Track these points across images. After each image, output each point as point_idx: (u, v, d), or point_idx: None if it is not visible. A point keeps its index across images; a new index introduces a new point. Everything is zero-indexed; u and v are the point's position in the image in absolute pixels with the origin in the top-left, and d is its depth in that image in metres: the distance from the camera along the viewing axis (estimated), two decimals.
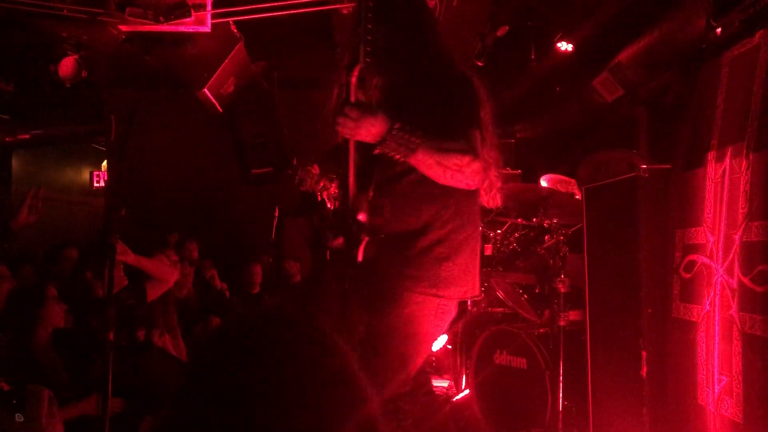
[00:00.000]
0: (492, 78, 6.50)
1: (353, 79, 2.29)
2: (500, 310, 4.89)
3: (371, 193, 2.37)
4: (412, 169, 2.26)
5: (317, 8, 4.57)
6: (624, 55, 5.31)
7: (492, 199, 2.56)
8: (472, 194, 2.40)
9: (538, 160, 6.57)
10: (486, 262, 4.74)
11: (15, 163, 8.86)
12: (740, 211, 2.26)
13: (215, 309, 5.92)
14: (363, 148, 2.36)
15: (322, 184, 3.11)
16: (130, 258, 4.13)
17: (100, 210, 8.48)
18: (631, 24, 5.07)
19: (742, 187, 2.25)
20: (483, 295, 4.71)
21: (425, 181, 2.26)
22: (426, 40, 2.44)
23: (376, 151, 2.26)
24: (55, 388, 2.95)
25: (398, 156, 2.19)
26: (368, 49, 2.28)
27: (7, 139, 7.52)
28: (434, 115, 2.26)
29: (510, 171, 6.03)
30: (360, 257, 2.29)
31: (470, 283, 2.40)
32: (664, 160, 3.20)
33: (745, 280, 2.21)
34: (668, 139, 3.77)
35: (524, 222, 4.53)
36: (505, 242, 4.70)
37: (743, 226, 2.23)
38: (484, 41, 5.75)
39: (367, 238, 2.31)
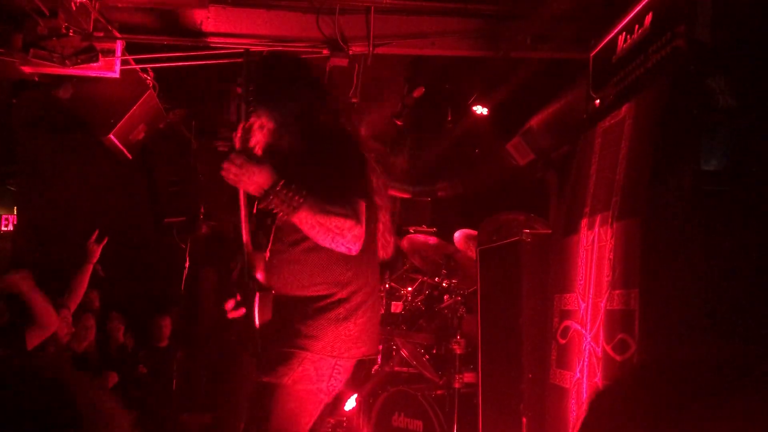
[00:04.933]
0: (412, 137, 6.67)
1: (239, 133, 2.36)
2: (406, 369, 4.83)
3: (268, 254, 2.38)
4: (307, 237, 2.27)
5: (227, 60, 4.55)
6: (534, 121, 5.47)
7: (385, 251, 2.59)
8: (370, 255, 2.44)
9: (456, 219, 6.64)
10: (393, 320, 4.71)
11: None
12: (605, 279, 2.28)
13: (116, 364, 5.67)
14: (260, 208, 2.38)
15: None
16: (26, 285, 3.92)
17: (5, 253, 8.12)
18: (541, 91, 5.24)
19: (607, 255, 2.29)
20: (381, 354, 4.65)
21: (321, 247, 2.28)
22: (314, 106, 2.48)
23: (261, 206, 2.27)
24: None
25: (281, 213, 2.21)
26: (251, 108, 2.34)
27: None
28: (321, 181, 2.28)
29: (425, 229, 6.09)
30: (257, 321, 2.28)
31: (368, 343, 2.42)
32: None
33: (608, 348, 2.22)
34: None
35: (429, 281, 4.53)
36: (414, 301, 4.69)
37: (607, 294, 2.26)
38: (403, 101, 5.85)
39: (258, 294, 2.29)
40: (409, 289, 4.85)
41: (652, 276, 1.99)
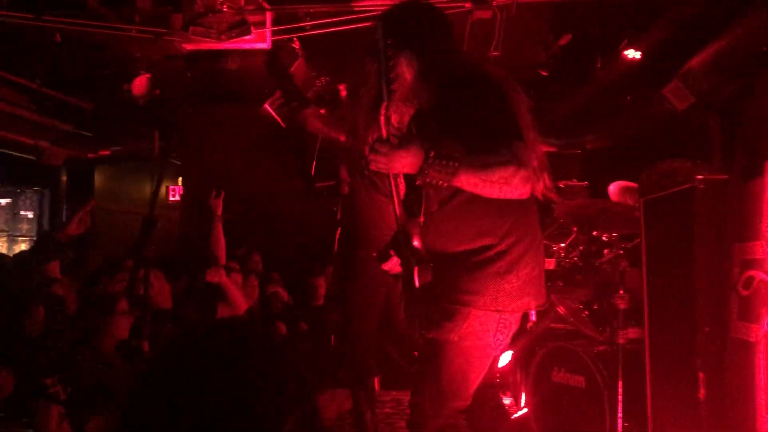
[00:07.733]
0: (558, 87, 6.42)
1: (381, 117, 2.27)
2: (562, 326, 4.74)
3: (422, 219, 2.38)
4: (460, 190, 2.21)
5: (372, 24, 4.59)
6: (695, 62, 5.09)
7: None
8: (528, 204, 2.34)
9: (607, 171, 6.37)
10: (547, 277, 4.61)
11: (97, 178, 9.32)
12: None
13: (283, 321, 6.02)
14: (407, 175, 2.37)
15: None
16: (223, 279, 4.28)
17: (176, 223, 8.75)
18: (701, 29, 4.86)
19: None
20: (546, 306, 4.56)
21: (476, 199, 2.21)
22: (448, 58, 2.36)
23: (418, 182, 2.23)
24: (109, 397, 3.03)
25: (441, 182, 2.14)
26: (391, 86, 2.25)
27: (89, 155, 7.90)
28: (471, 133, 2.20)
29: (576, 183, 5.86)
30: (417, 283, 2.30)
31: (533, 294, 2.33)
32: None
33: None
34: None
35: (585, 236, 4.39)
36: (568, 257, 4.57)
37: None
38: (547, 51, 5.66)
39: (417, 268, 2.31)
40: (562, 245, 4.73)
41: None
